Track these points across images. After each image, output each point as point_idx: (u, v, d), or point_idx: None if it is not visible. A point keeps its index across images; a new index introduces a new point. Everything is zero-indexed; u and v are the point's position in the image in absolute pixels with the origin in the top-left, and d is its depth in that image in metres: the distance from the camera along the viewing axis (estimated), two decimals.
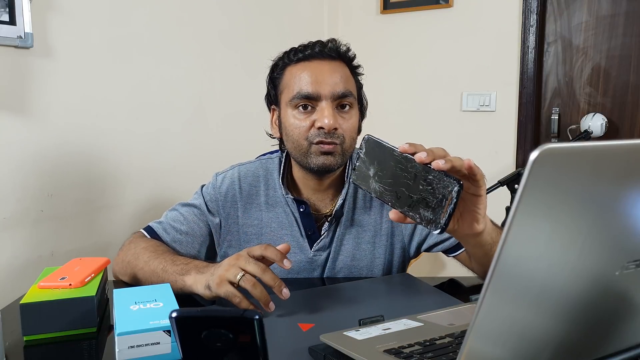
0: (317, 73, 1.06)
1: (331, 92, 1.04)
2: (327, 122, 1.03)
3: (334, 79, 1.05)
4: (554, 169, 0.43)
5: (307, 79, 1.05)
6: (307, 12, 2.57)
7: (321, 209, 1.14)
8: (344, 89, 1.05)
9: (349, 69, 1.11)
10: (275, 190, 1.15)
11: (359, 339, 0.71)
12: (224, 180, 1.17)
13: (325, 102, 1.04)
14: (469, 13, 2.43)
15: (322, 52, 1.07)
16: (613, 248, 0.51)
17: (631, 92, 2.22)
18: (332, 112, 1.04)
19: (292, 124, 1.07)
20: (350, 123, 1.07)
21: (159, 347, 0.71)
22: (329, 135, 1.04)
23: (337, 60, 1.09)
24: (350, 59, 1.12)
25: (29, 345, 0.80)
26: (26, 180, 1.54)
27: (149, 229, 1.14)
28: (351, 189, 1.14)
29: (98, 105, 1.72)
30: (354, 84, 1.11)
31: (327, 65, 1.07)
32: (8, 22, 1.45)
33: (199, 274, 0.92)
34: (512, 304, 0.48)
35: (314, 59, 1.07)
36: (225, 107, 2.15)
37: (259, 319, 0.49)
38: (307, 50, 1.08)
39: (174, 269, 0.96)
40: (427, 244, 1.13)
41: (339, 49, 1.10)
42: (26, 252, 1.55)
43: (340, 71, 1.08)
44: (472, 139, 2.47)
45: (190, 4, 2.01)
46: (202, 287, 0.89)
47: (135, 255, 1.05)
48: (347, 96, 1.06)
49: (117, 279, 1.11)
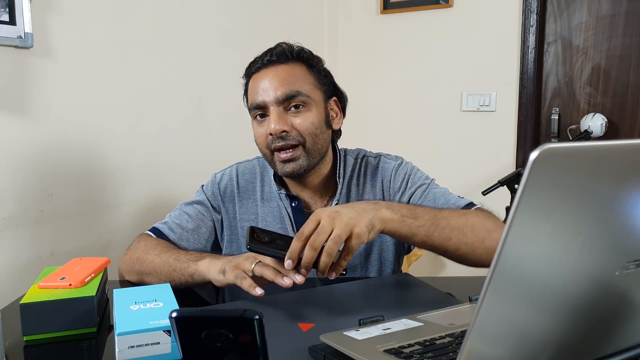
0: (263, 81, 1.09)
1: (275, 97, 1.07)
2: (272, 126, 1.06)
3: (276, 84, 1.07)
4: (554, 169, 0.43)
5: (256, 89, 1.09)
6: (307, 12, 2.57)
7: (312, 206, 1.17)
8: (288, 91, 1.07)
9: (307, 67, 1.12)
10: (271, 185, 1.18)
11: (359, 339, 0.71)
12: (223, 177, 1.21)
13: (272, 107, 1.07)
14: (469, 13, 2.43)
15: (270, 60, 1.10)
16: (613, 248, 0.51)
17: (631, 92, 2.22)
18: (277, 117, 1.06)
19: (255, 133, 1.13)
20: (306, 121, 1.08)
21: (159, 347, 0.71)
22: (281, 139, 1.06)
23: (288, 63, 1.10)
24: (303, 58, 1.12)
25: (29, 345, 0.80)
26: (26, 180, 1.54)
27: (155, 229, 1.15)
28: (344, 189, 1.16)
29: (98, 105, 1.72)
30: (311, 82, 1.11)
31: (273, 71, 1.09)
32: (8, 22, 1.45)
33: (215, 259, 0.96)
34: (512, 304, 0.48)
35: (263, 69, 1.10)
36: (225, 107, 2.15)
37: (259, 319, 0.49)
38: (259, 61, 1.12)
39: (188, 257, 1.00)
40: None
41: (286, 52, 1.11)
42: (26, 252, 1.55)
43: (287, 73, 1.09)
44: (472, 139, 2.47)
45: (191, 4, 2.01)
46: (216, 272, 0.92)
47: (145, 251, 1.06)
48: (295, 96, 1.07)
49: (122, 278, 1.12)
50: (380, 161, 1.18)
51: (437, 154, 2.51)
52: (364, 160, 1.19)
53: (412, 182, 1.14)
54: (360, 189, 1.17)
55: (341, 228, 0.82)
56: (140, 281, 1.07)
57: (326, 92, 1.14)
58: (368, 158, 1.20)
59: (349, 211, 0.85)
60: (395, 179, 1.15)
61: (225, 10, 2.15)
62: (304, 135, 1.08)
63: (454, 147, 2.52)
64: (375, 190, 1.16)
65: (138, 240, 1.13)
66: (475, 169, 2.44)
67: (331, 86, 1.16)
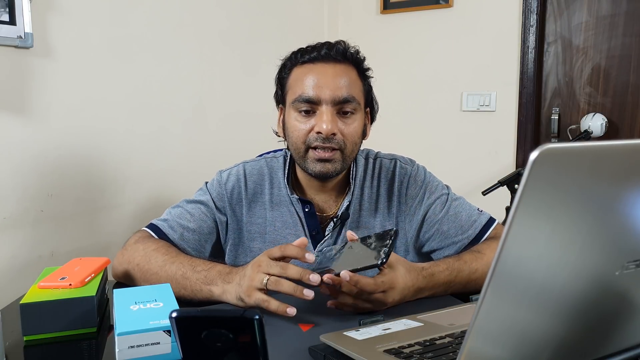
0: (320, 77, 1.04)
1: (332, 97, 1.03)
2: (325, 127, 1.02)
3: (336, 84, 1.04)
4: (554, 169, 0.43)
5: (309, 82, 1.04)
6: (307, 12, 2.57)
7: (325, 210, 1.14)
8: (347, 94, 1.04)
9: (358, 72, 1.10)
10: (280, 189, 1.14)
11: (359, 339, 0.71)
12: (229, 177, 1.15)
13: (325, 106, 1.03)
14: (469, 13, 2.43)
15: (328, 54, 1.06)
16: (613, 248, 0.51)
17: (631, 92, 2.22)
18: (331, 118, 1.03)
19: (293, 126, 1.07)
20: (352, 128, 1.06)
21: (159, 347, 0.71)
22: (327, 140, 1.03)
23: (344, 63, 1.07)
24: (358, 62, 1.10)
25: (29, 345, 0.80)
26: (26, 180, 1.54)
27: (154, 227, 1.09)
28: (357, 191, 1.13)
29: (98, 105, 1.72)
30: (361, 88, 1.09)
31: (332, 68, 1.05)
32: (8, 22, 1.45)
33: (226, 283, 0.89)
34: (512, 304, 0.48)
35: (319, 62, 1.06)
36: (225, 107, 2.15)
37: (259, 319, 0.49)
38: (313, 52, 1.07)
39: (196, 276, 0.93)
40: (427, 248, 1.13)
41: (346, 52, 1.07)
42: (26, 252, 1.55)
43: (345, 75, 1.06)
44: (472, 139, 2.47)
45: (190, 4, 2.01)
46: (234, 299, 0.88)
47: (146, 259, 0.99)
48: (349, 102, 1.04)
49: (117, 279, 1.06)
50: (397, 166, 1.15)
51: (437, 154, 2.50)
52: (376, 161, 1.16)
53: (430, 192, 1.12)
54: (374, 193, 1.14)
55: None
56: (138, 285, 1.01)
57: (367, 101, 1.13)
58: (383, 160, 1.17)
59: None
60: (412, 187, 1.13)
61: (225, 10, 2.15)
62: (347, 142, 1.05)
63: (454, 147, 2.52)
64: (392, 195, 1.13)
65: (135, 239, 1.05)
66: (475, 169, 2.44)
67: (370, 96, 1.15)
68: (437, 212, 1.10)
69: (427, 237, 1.12)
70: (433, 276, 0.93)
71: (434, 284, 0.93)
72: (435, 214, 1.10)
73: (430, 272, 0.93)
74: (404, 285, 0.88)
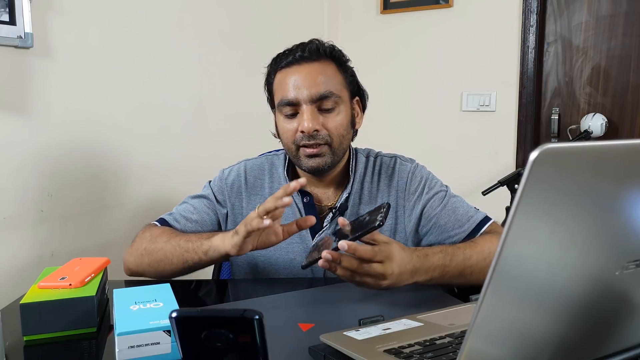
0: (297, 78, 1.09)
1: (309, 96, 1.07)
2: (306, 125, 1.07)
3: (312, 82, 1.08)
4: (554, 169, 0.43)
5: (288, 85, 1.09)
6: (307, 12, 2.57)
7: (324, 202, 1.17)
8: (324, 90, 1.08)
9: (337, 66, 1.12)
10: (280, 182, 1.19)
11: (359, 339, 0.71)
12: (230, 173, 1.22)
13: (305, 106, 1.08)
14: (469, 13, 2.43)
15: (302, 56, 1.10)
16: (613, 248, 0.51)
17: (631, 92, 2.22)
18: (311, 116, 1.07)
19: (282, 128, 1.13)
20: (336, 122, 1.10)
21: (159, 347, 0.71)
22: (311, 137, 1.08)
23: (319, 61, 1.10)
24: (335, 56, 1.13)
25: (29, 345, 0.80)
26: (26, 180, 1.54)
27: (161, 219, 1.17)
28: (357, 185, 1.16)
29: (98, 105, 1.72)
30: (341, 81, 1.12)
31: (307, 68, 1.09)
32: (8, 22, 1.45)
33: (226, 233, 1.00)
34: (512, 304, 0.48)
35: (294, 64, 1.10)
36: (225, 107, 2.15)
37: (259, 319, 0.49)
38: (290, 55, 1.11)
39: (198, 236, 1.04)
40: (425, 242, 1.15)
41: (319, 49, 1.11)
42: (26, 252, 1.55)
43: (320, 72, 1.09)
44: (472, 139, 2.47)
45: (190, 4, 2.01)
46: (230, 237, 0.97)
47: (152, 241, 1.08)
48: (328, 97, 1.08)
49: (130, 272, 1.11)
50: (397, 163, 1.19)
51: (437, 153, 2.50)
52: (377, 159, 1.20)
53: (429, 188, 1.15)
54: (374, 188, 1.17)
55: (375, 286, 0.89)
56: (152, 272, 1.07)
57: (352, 91, 1.16)
58: (383, 158, 1.20)
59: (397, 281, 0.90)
60: (412, 182, 1.16)
61: (225, 11, 2.15)
62: (333, 135, 1.09)
63: (454, 147, 2.51)
64: (391, 191, 1.16)
65: (143, 231, 1.14)
66: (475, 169, 2.44)
67: (356, 86, 1.17)
68: (435, 206, 1.13)
69: (424, 231, 1.14)
70: (427, 257, 0.95)
71: (429, 266, 0.94)
72: (433, 208, 1.13)
73: (424, 253, 0.95)
74: (401, 261, 0.90)
